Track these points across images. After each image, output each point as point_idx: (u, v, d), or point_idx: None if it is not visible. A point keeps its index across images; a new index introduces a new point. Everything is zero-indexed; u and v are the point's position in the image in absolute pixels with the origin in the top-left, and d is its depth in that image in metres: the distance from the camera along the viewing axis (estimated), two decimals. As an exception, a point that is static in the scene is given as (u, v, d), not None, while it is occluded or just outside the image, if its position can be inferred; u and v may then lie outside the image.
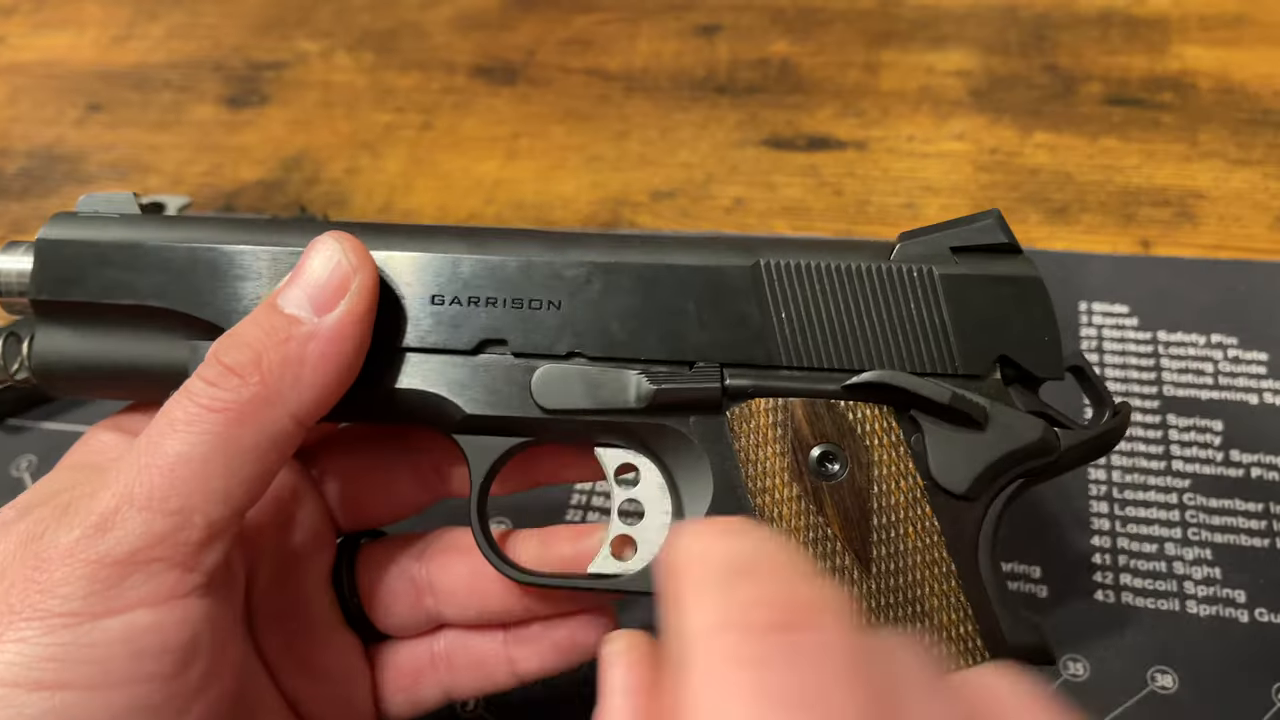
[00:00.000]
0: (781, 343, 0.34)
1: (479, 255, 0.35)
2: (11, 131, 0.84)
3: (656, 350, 0.34)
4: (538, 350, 0.35)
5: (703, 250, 0.35)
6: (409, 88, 0.83)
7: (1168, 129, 0.70)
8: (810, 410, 0.33)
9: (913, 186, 0.69)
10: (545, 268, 0.35)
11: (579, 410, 0.34)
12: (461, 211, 0.72)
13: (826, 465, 0.33)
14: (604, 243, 0.35)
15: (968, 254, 0.34)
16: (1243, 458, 0.52)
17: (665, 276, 0.34)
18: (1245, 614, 0.46)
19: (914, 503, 0.33)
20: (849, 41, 0.81)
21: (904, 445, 0.33)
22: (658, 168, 0.73)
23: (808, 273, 0.34)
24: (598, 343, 0.35)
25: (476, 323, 0.35)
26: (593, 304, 0.35)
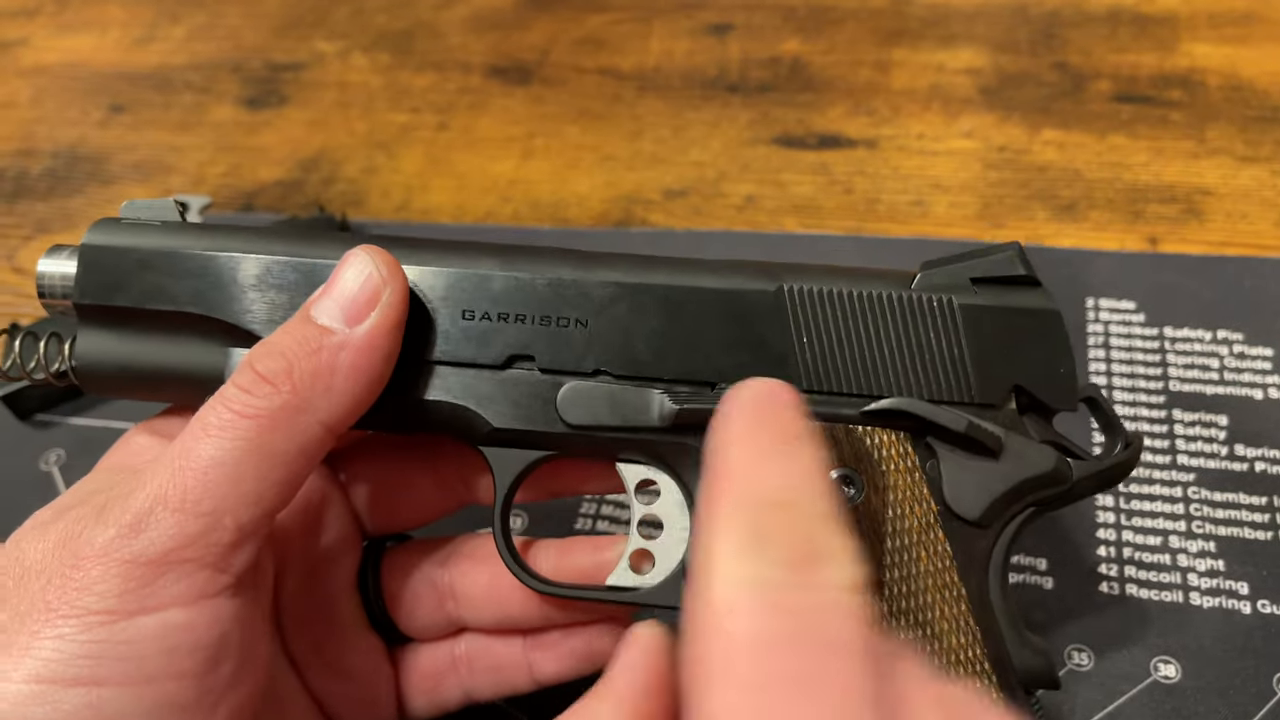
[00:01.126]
0: (802, 367, 0.35)
1: (509, 273, 0.36)
2: (36, 132, 0.86)
3: (679, 370, 0.35)
4: (564, 367, 0.36)
5: (727, 274, 0.36)
6: (425, 88, 0.84)
7: (1176, 126, 0.71)
8: (829, 434, 0.34)
9: (922, 184, 0.70)
10: (573, 286, 0.36)
11: (602, 427, 0.35)
12: (478, 210, 0.73)
13: (843, 489, 0.34)
14: (631, 263, 0.36)
15: (987, 285, 0.35)
16: (1247, 452, 0.52)
17: (690, 298, 0.35)
18: (1248, 605, 0.47)
19: (927, 528, 0.34)
20: (860, 40, 0.82)
21: (919, 471, 0.34)
22: (670, 166, 0.74)
23: (830, 299, 0.35)
24: (622, 361, 0.35)
25: (505, 338, 0.36)
26: (619, 323, 0.35)
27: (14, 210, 0.78)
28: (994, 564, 0.34)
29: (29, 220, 0.77)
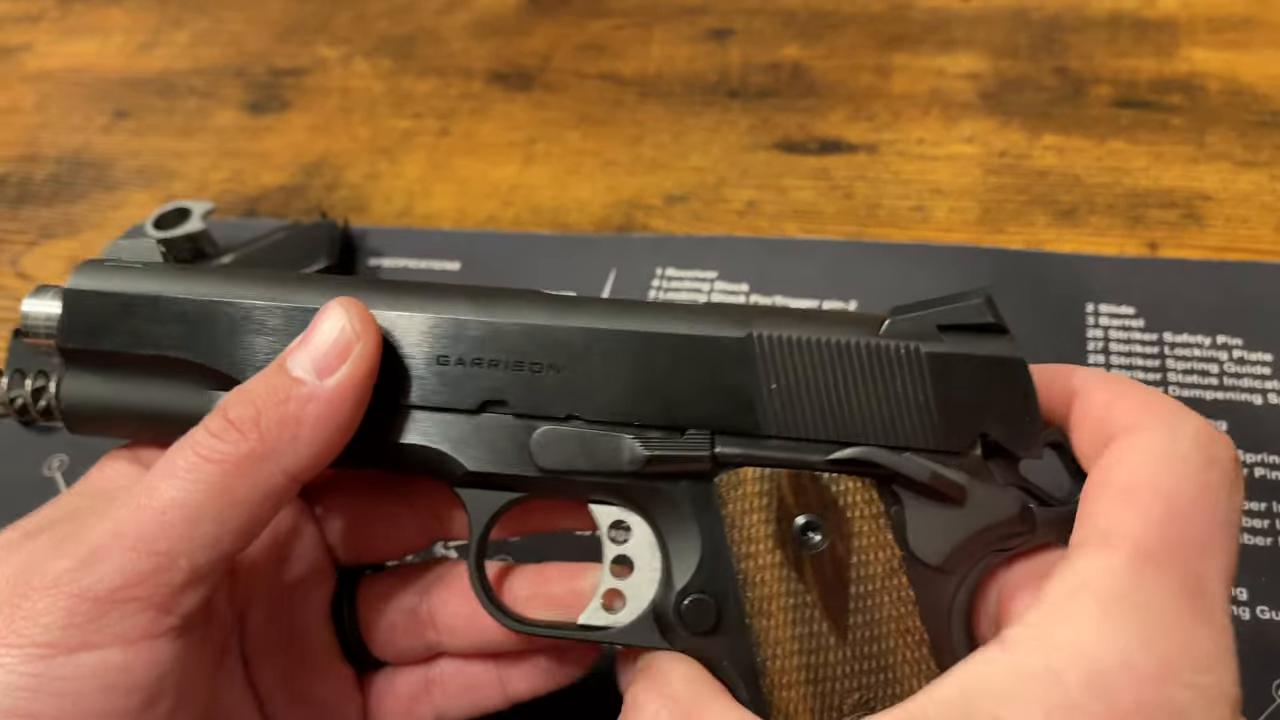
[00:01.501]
0: (771, 413, 0.35)
1: (484, 318, 0.36)
2: (40, 138, 0.86)
3: (651, 416, 0.36)
4: (537, 412, 0.36)
5: (698, 320, 0.36)
6: (427, 93, 0.85)
7: (1176, 131, 0.71)
8: (795, 481, 0.35)
9: (923, 189, 0.70)
10: (547, 333, 0.36)
11: (575, 471, 0.36)
12: (480, 215, 0.73)
13: (809, 534, 0.35)
14: (604, 309, 0.37)
15: (955, 332, 0.35)
16: (1247, 458, 0.52)
17: (661, 345, 0.36)
18: (1247, 611, 0.47)
19: (891, 573, 0.34)
20: (860, 45, 0.82)
21: (884, 517, 0.35)
22: (670, 171, 0.74)
23: (798, 346, 0.35)
24: (595, 406, 0.36)
25: (480, 383, 0.36)
26: (591, 369, 0.36)
27: (18, 216, 0.79)
28: (957, 609, 0.35)
29: (33, 226, 0.78)
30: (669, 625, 0.36)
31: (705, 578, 0.35)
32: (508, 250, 0.69)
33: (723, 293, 0.65)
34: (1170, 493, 0.30)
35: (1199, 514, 0.30)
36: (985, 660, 0.29)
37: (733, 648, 0.35)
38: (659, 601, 0.36)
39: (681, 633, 0.35)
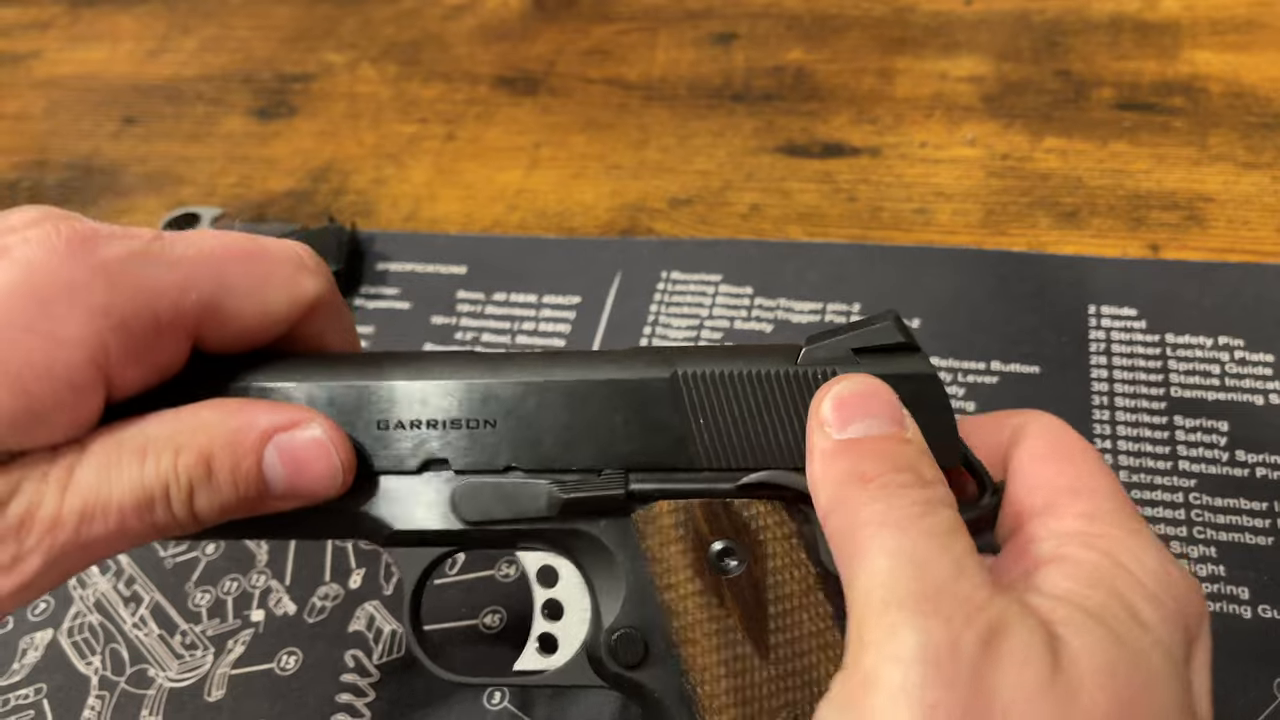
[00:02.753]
0: (701, 447, 0.36)
1: (419, 381, 0.37)
2: (50, 144, 0.87)
3: (587, 460, 0.37)
4: (478, 467, 0.37)
5: (625, 365, 0.37)
6: (432, 99, 0.85)
7: (1178, 133, 0.71)
8: (708, 510, 0.36)
9: (925, 192, 0.70)
10: (482, 389, 0.37)
11: (496, 520, 0.37)
12: (485, 220, 0.74)
13: (726, 560, 0.36)
14: (535, 362, 0.38)
15: (869, 354, 0.36)
16: (1248, 458, 0.53)
17: (592, 391, 0.37)
18: (1248, 610, 0.47)
19: (808, 590, 0.35)
20: (863, 48, 0.83)
21: (796, 537, 0.36)
22: (675, 175, 0.75)
23: (720, 380, 0.36)
24: (532, 456, 0.37)
25: (419, 445, 0.37)
26: (526, 421, 0.37)
27: (29, 221, 0.79)
28: None
29: (43, 231, 0.78)
30: (600, 662, 0.37)
31: (631, 612, 0.36)
32: (513, 254, 0.70)
33: (727, 295, 0.65)
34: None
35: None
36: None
37: (662, 677, 0.36)
38: (590, 640, 0.37)
39: (613, 667, 0.36)
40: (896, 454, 0.32)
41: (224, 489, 0.34)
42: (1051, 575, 0.31)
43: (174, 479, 0.33)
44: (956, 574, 0.28)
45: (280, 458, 0.35)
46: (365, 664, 0.51)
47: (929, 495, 0.31)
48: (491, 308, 0.67)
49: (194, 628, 0.53)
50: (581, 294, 0.67)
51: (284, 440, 0.35)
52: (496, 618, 0.52)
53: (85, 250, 0.31)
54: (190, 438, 0.33)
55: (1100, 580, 0.30)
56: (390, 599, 0.53)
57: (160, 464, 0.33)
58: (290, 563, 0.55)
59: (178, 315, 0.33)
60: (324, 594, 0.54)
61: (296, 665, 0.51)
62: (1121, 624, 0.29)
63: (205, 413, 0.34)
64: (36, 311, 0.30)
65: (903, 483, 0.31)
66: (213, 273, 0.34)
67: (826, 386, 0.35)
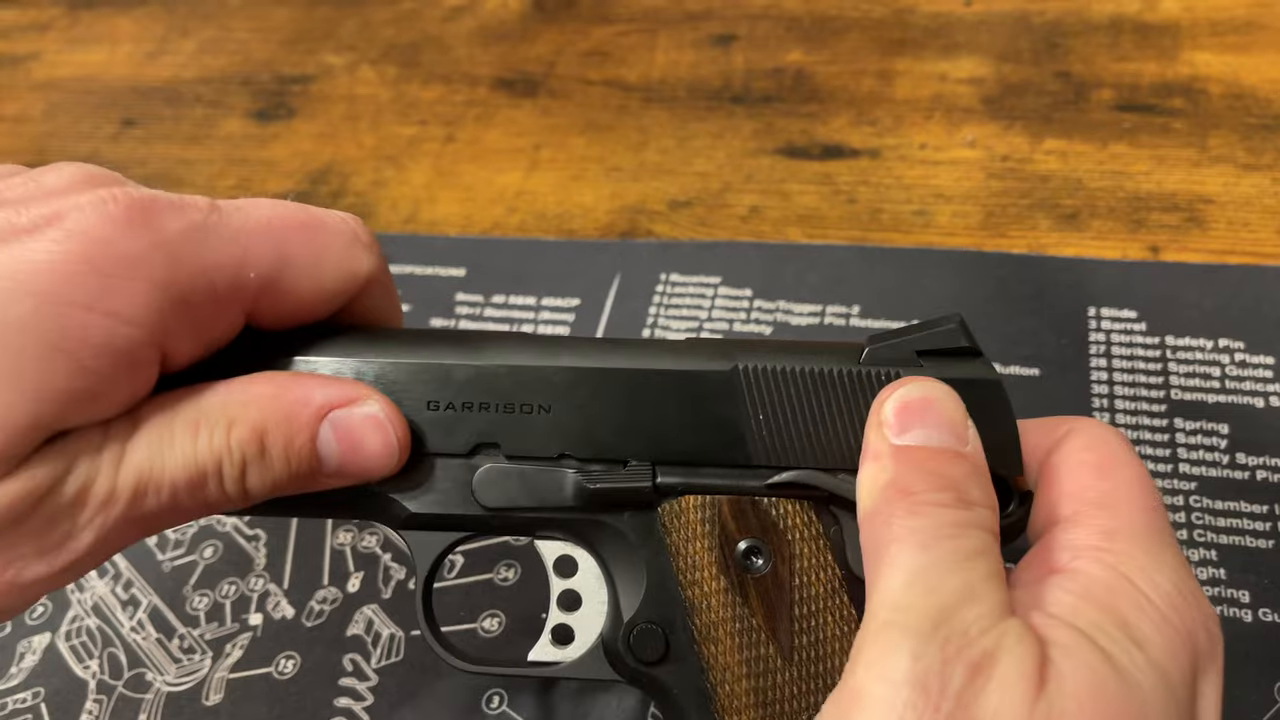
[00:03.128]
0: (759, 443, 0.36)
1: (471, 362, 0.37)
2: (49, 146, 0.87)
3: (642, 452, 0.36)
4: (529, 453, 0.36)
5: (684, 355, 0.37)
6: (432, 100, 0.85)
7: (1178, 135, 0.71)
8: (736, 507, 0.36)
9: (925, 194, 0.70)
10: (533, 373, 0.36)
11: (518, 508, 0.36)
12: (485, 222, 0.73)
13: (751, 559, 0.35)
14: (591, 348, 0.37)
15: (932, 357, 0.36)
16: (1248, 460, 0.53)
17: (648, 381, 0.36)
18: (1249, 614, 0.47)
19: (833, 593, 0.35)
20: (863, 50, 0.83)
21: (823, 539, 0.35)
22: (675, 177, 0.74)
23: (782, 377, 0.36)
24: (586, 445, 0.36)
25: (471, 427, 0.36)
26: (580, 408, 0.36)
27: (27, 224, 0.79)
28: None
29: (42, 234, 0.78)
30: (618, 656, 0.36)
31: (652, 607, 0.36)
32: (512, 256, 0.70)
33: (726, 298, 0.65)
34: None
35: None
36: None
37: (682, 675, 0.35)
38: (607, 634, 0.37)
39: (630, 663, 0.36)
40: (945, 472, 0.31)
41: (276, 465, 0.33)
42: (1056, 588, 0.31)
43: (227, 454, 0.32)
44: (966, 599, 0.28)
45: (336, 435, 0.34)
46: (364, 668, 0.51)
47: (964, 518, 0.30)
48: (490, 310, 0.67)
49: (192, 631, 0.53)
50: (581, 296, 0.67)
51: (340, 417, 0.34)
52: (495, 621, 0.52)
53: (144, 221, 0.30)
54: (243, 411, 0.32)
55: (1100, 596, 0.30)
56: (389, 603, 0.53)
57: (214, 439, 0.32)
58: (288, 566, 0.55)
59: (235, 290, 0.32)
60: (322, 597, 0.54)
61: (294, 669, 0.51)
62: (1115, 643, 0.28)
63: (258, 386, 0.33)
64: (96, 287, 0.29)
65: (941, 502, 0.31)
66: (271, 246, 0.33)
67: (893, 387, 0.34)
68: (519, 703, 0.48)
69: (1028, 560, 0.34)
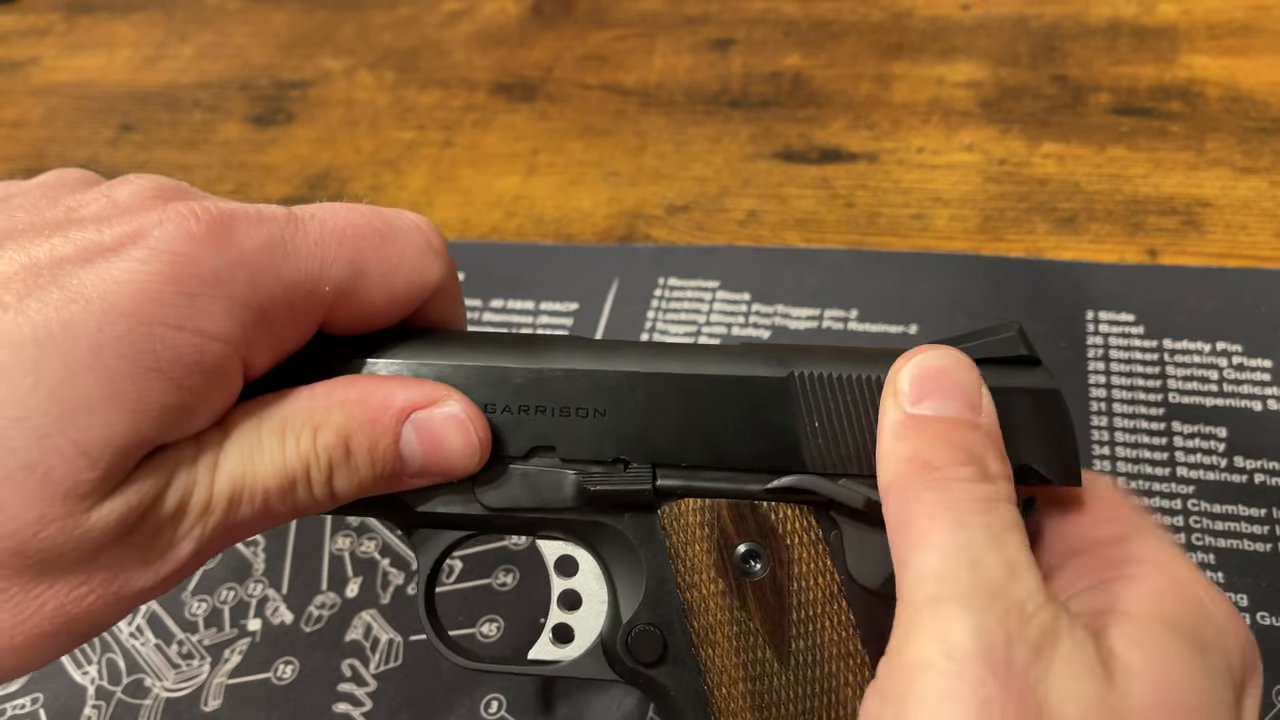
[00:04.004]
0: (814, 451, 0.35)
1: (528, 365, 0.37)
2: (48, 151, 0.87)
3: (696, 457, 0.36)
4: (585, 456, 0.36)
5: (739, 361, 0.37)
6: (430, 105, 0.85)
7: (1175, 138, 0.71)
8: (735, 510, 0.36)
9: (923, 198, 0.70)
10: (588, 377, 0.36)
11: (519, 508, 0.36)
12: (483, 227, 0.74)
13: (750, 563, 0.35)
14: (645, 352, 0.37)
15: (990, 365, 0.35)
16: (1246, 464, 0.53)
17: (703, 386, 0.36)
18: (1248, 617, 0.47)
19: (831, 598, 0.35)
20: (860, 54, 0.83)
21: (822, 543, 0.35)
22: (672, 181, 0.75)
23: (838, 384, 0.36)
24: (641, 449, 0.36)
25: (528, 430, 0.36)
26: (635, 412, 0.36)
27: (26, 229, 0.79)
28: None
29: (41, 239, 0.78)
30: (616, 657, 0.36)
31: (651, 609, 0.36)
32: (510, 261, 0.70)
33: (724, 302, 0.65)
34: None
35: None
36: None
37: (679, 677, 0.36)
38: (606, 634, 0.37)
39: (629, 663, 0.36)
40: (966, 443, 0.31)
41: (362, 468, 0.34)
42: (1125, 588, 0.31)
43: (314, 459, 0.33)
44: (1009, 575, 0.28)
45: (418, 436, 0.34)
46: (362, 673, 0.51)
47: (990, 491, 0.30)
48: (489, 314, 0.67)
49: (191, 637, 0.53)
50: (579, 300, 0.67)
51: (422, 418, 0.34)
52: (494, 626, 0.52)
53: (225, 238, 0.31)
54: (328, 416, 0.33)
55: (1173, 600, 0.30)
56: (387, 608, 0.53)
57: (300, 444, 0.33)
58: (287, 571, 0.55)
59: (312, 303, 0.33)
60: (321, 603, 0.54)
61: (293, 675, 0.51)
62: (1193, 646, 0.29)
63: (340, 390, 0.34)
64: (185, 306, 0.30)
65: (966, 476, 0.30)
66: (346, 258, 0.33)
67: (908, 355, 0.34)
68: (518, 707, 0.48)
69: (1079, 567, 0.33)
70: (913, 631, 0.28)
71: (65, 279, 0.29)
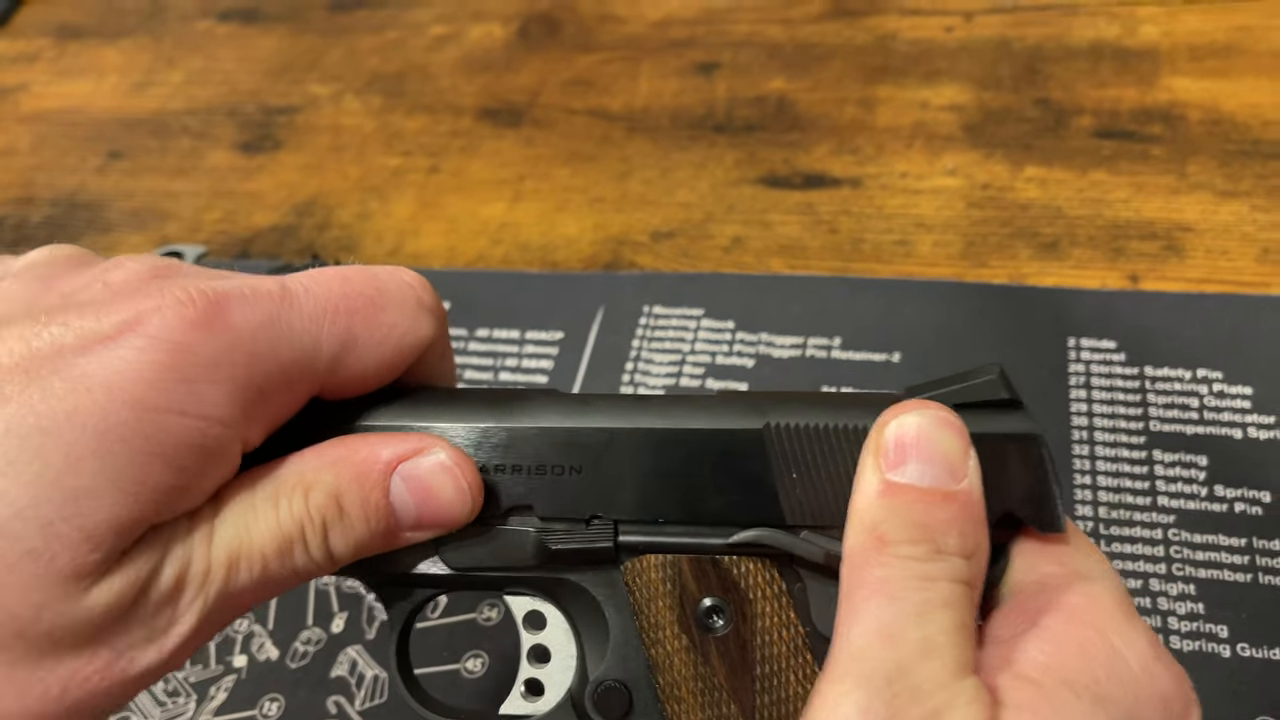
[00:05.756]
0: (793, 503, 0.35)
1: (503, 424, 0.36)
2: (35, 179, 0.87)
3: (673, 512, 0.36)
4: (563, 514, 0.36)
5: (714, 412, 0.36)
6: (416, 130, 0.85)
7: (1157, 161, 0.71)
8: (697, 566, 0.35)
9: (906, 223, 0.70)
10: (564, 434, 0.36)
11: (481, 568, 0.36)
12: (469, 254, 0.74)
13: (713, 618, 0.35)
14: (621, 406, 0.37)
15: (971, 410, 0.34)
16: (1227, 493, 0.53)
17: (679, 440, 0.36)
18: (1227, 649, 0.48)
19: (796, 651, 0.35)
20: (845, 77, 0.83)
21: (786, 596, 0.35)
22: (657, 208, 0.75)
23: (815, 434, 0.35)
24: (615, 506, 0.36)
25: (506, 490, 0.36)
26: (612, 469, 0.36)
27: (13, 259, 0.80)
28: None
29: (28, 269, 0.78)
30: (585, 712, 0.36)
31: (618, 665, 0.36)
32: (496, 289, 0.70)
33: (709, 330, 0.65)
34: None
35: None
36: None
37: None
38: (575, 689, 0.37)
39: (596, 719, 0.36)
40: (925, 519, 0.31)
41: (357, 525, 0.34)
42: (1030, 645, 0.31)
43: (308, 519, 0.33)
44: (923, 654, 0.29)
45: (408, 487, 0.34)
46: (348, 710, 0.51)
47: (934, 570, 0.30)
48: (475, 344, 0.67)
49: (176, 674, 0.53)
50: (564, 329, 0.67)
51: (409, 469, 0.34)
52: (478, 662, 0.52)
53: (221, 323, 0.31)
54: (317, 476, 0.33)
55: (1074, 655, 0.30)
56: (373, 643, 0.53)
57: (293, 506, 0.33)
58: (273, 606, 0.55)
59: (307, 378, 0.34)
60: (306, 638, 0.54)
61: (279, 712, 0.51)
62: (1090, 702, 0.29)
63: (329, 452, 0.34)
64: (184, 393, 0.30)
65: (915, 555, 0.30)
66: (340, 331, 0.34)
67: (894, 411, 0.33)
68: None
69: (1005, 614, 0.34)
70: (814, 702, 0.29)
71: (67, 369, 0.29)
